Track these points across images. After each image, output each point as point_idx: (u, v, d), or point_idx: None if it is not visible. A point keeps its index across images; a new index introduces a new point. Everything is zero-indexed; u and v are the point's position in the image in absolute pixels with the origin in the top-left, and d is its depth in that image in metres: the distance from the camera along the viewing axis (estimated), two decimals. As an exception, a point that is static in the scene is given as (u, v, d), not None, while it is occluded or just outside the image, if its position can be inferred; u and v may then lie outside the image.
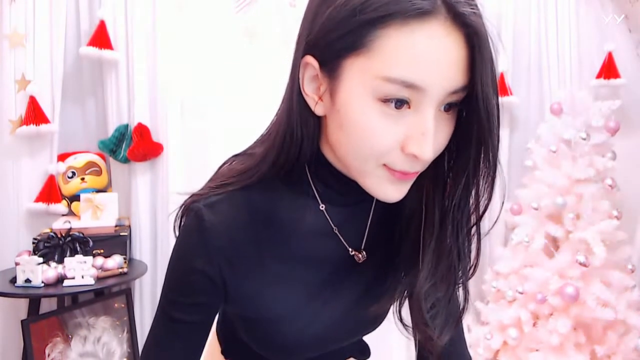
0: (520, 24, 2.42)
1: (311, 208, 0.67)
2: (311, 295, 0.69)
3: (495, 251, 2.37)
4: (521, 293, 2.04)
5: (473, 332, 2.32)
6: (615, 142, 2.13)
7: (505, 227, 2.44)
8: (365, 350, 0.89)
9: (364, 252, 0.71)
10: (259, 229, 0.65)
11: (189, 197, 0.67)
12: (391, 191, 0.59)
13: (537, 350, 2.02)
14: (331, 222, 0.68)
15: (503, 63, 2.38)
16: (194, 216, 0.63)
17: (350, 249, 0.70)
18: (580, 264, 1.92)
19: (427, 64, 0.50)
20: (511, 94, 2.37)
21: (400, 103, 0.53)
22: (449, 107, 0.56)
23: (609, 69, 2.30)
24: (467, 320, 2.41)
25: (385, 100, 0.53)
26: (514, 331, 2.06)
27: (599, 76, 2.32)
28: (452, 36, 0.51)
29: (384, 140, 0.54)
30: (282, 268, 0.67)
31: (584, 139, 2.05)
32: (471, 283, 2.63)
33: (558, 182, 2.06)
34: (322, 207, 0.67)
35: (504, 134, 2.46)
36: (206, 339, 0.69)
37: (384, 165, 0.57)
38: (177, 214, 0.68)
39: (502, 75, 2.36)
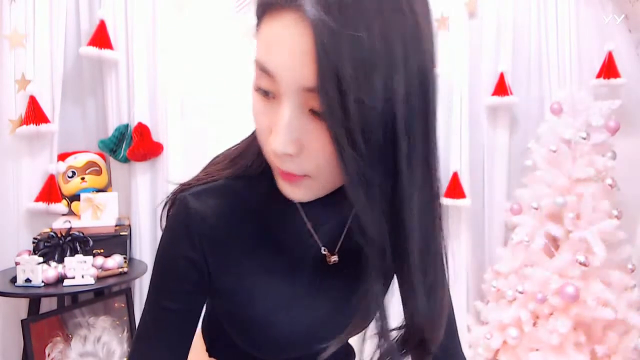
0: (520, 24, 2.42)
1: (289, 202, 0.67)
2: (292, 292, 0.69)
3: (495, 251, 2.37)
4: (521, 293, 2.04)
5: (473, 332, 2.32)
6: (615, 142, 2.13)
7: (505, 227, 2.44)
8: (350, 354, 0.89)
9: (337, 256, 0.70)
10: (242, 220, 0.66)
11: (177, 187, 0.69)
12: (286, 188, 0.58)
13: (537, 349, 2.02)
14: (304, 217, 0.68)
15: (503, 63, 2.38)
16: (179, 204, 0.65)
17: (323, 248, 0.70)
18: (580, 263, 1.92)
19: (276, 50, 0.51)
20: (511, 94, 2.37)
21: (266, 92, 0.54)
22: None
23: (609, 69, 2.30)
24: (467, 320, 2.41)
25: (257, 87, 0.54)
26: (514, 331, 2.06)
27: (599, 76, 2.32)
28: (299, 27, 0.48)
29: (259, 128, 0.56)
30: (263, 261, 0.67)
31: (584, 139, 2.05)
32: (471, 282, 2.64)
33: (558, 182, 2.06)
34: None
35: (504, 134, 2.46)
36: (193, 331, 0.68)
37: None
38: (164, 204, 0.69)
39: (502, 75, 2.36)
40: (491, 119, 2.46)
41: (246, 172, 0.67)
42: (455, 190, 2.33)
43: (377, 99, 0.48)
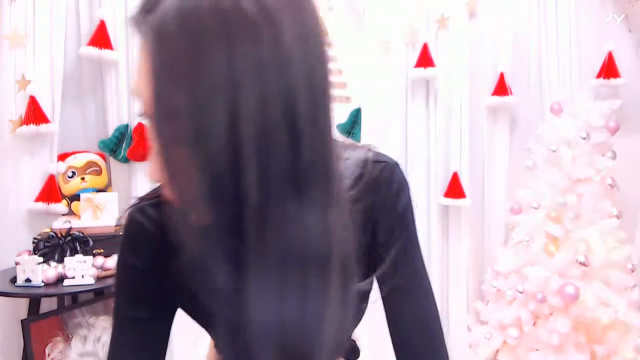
0: (520, 24, 2.42)
1: None
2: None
3: (495, 251, 2.37)
4: (521, 292, 2.04)
5: (473, 332, 2.32)
6: (615, 142, 2.13)
7: (505, 227, 2.44)
8: (354, 350, 0.89)
9: None
10: None
11: (135, 201, 0.72)
12: None
13: (537, 349, 2.02)
14: None
15: (503, 63, 2.38)
16: (128, 217, 0.70)
17: None
18: (580, 263, 1.92)
19: (138, 75, 0.52)
20: (511, 94, 2.37)
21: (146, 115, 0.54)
22: None
23: (609, 69, 2.30)
24: (467, 320, 2.41)
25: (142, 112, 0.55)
26: (514, 331, 2.06)
27: (599, 76, 2.32)
28: (144, 54, 0.50)
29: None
30: None
31: (584, 139, 2.05)
32: (471, 282, 2.63)
33: (558, 182, 2.06)
34: None
35: (504, 134, 2.46)
36: (161, 338, 0.71)
37: None
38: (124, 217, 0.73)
39: (502, 75, 2.36)
40: (491, 119, 2.46)
41: None
42: (455, 190, 2.33)
43: (216, 129, 0.45)
